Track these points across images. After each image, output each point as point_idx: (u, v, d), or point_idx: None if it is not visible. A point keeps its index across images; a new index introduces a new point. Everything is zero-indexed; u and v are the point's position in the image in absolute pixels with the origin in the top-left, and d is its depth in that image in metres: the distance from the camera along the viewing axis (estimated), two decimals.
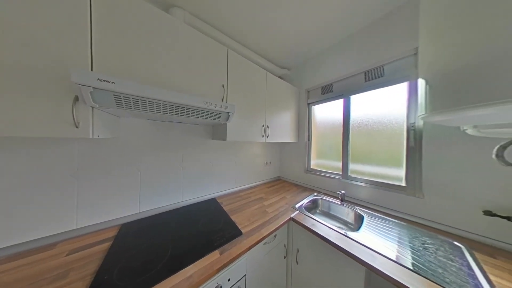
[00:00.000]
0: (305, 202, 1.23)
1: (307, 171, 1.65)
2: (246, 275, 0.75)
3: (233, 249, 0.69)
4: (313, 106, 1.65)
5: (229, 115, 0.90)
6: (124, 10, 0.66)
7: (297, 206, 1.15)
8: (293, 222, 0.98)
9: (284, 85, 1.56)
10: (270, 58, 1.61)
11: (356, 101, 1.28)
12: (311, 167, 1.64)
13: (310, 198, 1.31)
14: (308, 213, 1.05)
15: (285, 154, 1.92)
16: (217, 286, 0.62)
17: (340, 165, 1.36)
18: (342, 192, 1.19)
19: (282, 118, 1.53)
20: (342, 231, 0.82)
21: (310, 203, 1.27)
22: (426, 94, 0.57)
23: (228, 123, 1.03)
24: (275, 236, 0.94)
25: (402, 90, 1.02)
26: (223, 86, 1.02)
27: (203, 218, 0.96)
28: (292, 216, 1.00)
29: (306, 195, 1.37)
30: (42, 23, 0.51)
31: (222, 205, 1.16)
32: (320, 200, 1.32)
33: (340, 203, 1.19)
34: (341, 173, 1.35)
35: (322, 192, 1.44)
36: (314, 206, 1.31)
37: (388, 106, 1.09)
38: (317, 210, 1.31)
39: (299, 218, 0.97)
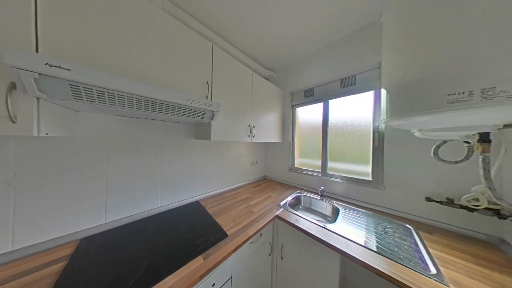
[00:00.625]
0: (289, 199, 1.29)
1: (291, 170, 1.73)
2: (231, 278, 0.74)
3: (218, 252, 0.68)
4: (296, 108, 1.74)
5: (214, 114, 0.87)
6: None
7: (281, 203, 1.20)
8: (278, 219, 1.02)
9: (270, 86, 1.60)
10: (256, 59, 1.63)
11: (333, 105, 1.41)
12: (295, 166, 1.73)
13: (294, 195, 1.38)
14: (292, 209, 1.11)
15: (270, 153, 1.97)
16: None
17: (320, 163, 1.48)
18: (322, 188, 1.30)
19: (268, 119, 1.56)
20: (321, 224, 0.90)
21: (293, 200, 1.34)
22: (387, 102, 0.67)
23: (213, 122, 1.00)
24: (261, 234, 0.95)
25: (370, 98, 1.18)
26: (208, 84, 0.98)
27: (185, 223, 0.90)
28: (277, 213, 1.03)
29: (290, 193, 1.44)
30: None
31: (206, 208, 1.11)
32: (302, 196, 1.41)
33: (320, 199, 1.29)
34: (320, 170, 1.47)
35: (304, 189, 1.54)
36: (297, 203, 1.39)
37: (358, 111, 1.24)
38: (300, 206, 1.39)
39: (284, 215, 1.02)
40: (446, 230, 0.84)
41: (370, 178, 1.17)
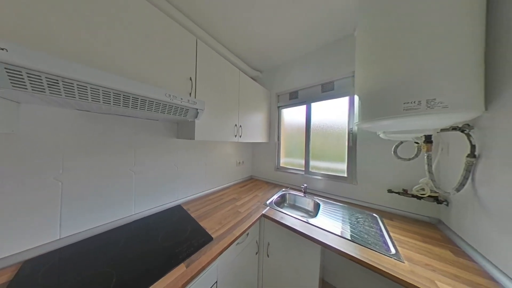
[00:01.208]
0: (274, 198, 1.33)
1: (277, 169, 1.78)
2: (217, 282, 0.72)
3: (202, 257, 0.65)
4: (282, 109, 1.80)
5: (198, 112, 0.83)
6: None
7: (268, 202, 1.22)
8: (264, 218, 1.04)
9: (257, 86, 1.61)
10: (244, 58, 1.62)
11: (315, 108, 1.52)
12: (281, 165, 1.80)
13: (280, 194, 1.43)
14: (277, 207, 1.14)
15: (257, 153, 1.99)
16: None
17: (303, 162, 1.57)
18: (305, 185, 1.38)
19: (255, 119, 1.57)
20: (304, 219, 0.95)
21: (279, 198, 1.38)
22: (359, 107, 0.76)
23: (197, 121, 0.95)
24: (248, 234, 0.95)
25: (345, 102, 1.31)
26: (191, 80, 0.93)
27: (165, 230, 0.83)
28: (263, 212, 1.05)
29: (276, 191, 1.48)
30: None
31: (189, 211, 1.05)
32: (287, 194, 1.47)
33: (303, 195, 1.37)
34: (304, 169, 1.56)
35: (289, 187, 1.60)
36: (282, 201, 1.44)
37: (336, 114, 1.37)
38: (285, 204, 1.45)
39: (270, 213, 1.04)
40: (403, 216, 1.01)
41: (345, 175, 1.31)
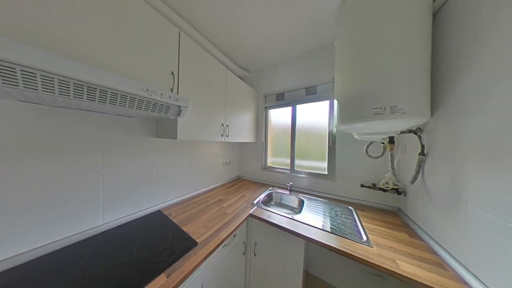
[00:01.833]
0: (262, 197, 1.35)
1: (264, 169, 1.81)
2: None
3: (185, 265, 0.61)
4: (269, 110, 1.84)
5: (181, 110, 0.77)
6: None
7: (255, 202, 1.23)
8: (252, 217, 1.04)
9: (244, 86, 1.60)
10: (231, 57, 1.59)
11: (300, 109, 1.60)
12: (267, 165, 1.83)
13: (267, 193, 1.45)
14: (264, 206, 1.16)
15: (244, 153, 1.98)
16: None
17: (289, 161, 1.64)
18: (290, 183, 1.44)
19: (242, 119, 1.56)
20: (290, 216, 1.00)
21: (266, 197, 1.41)
22: (338, 110, 0.84)
23: (179, 119, 0.88)
24: (235, 235, 0.94)
25: (326, 106, 1.42)
26: (173, 75, 0.86)
27: (141, 239, 0.75)
28: (250, 212, 1.05)
29: (263, 191, 1.50)
30: None
31: (170, 216, 0.97)
32: (274, 193, 1.51)
33: (289, 193, 1.43)
34: (289, 168, 1.63)
35: (276, 186, 1.65)
36: (269, 199, 1.47)
37: (319, 116, 1.47)
38: (272, 202, 1.48)
39: (257, 212, 1.05)
40: (372, 207, 1.16)
41: (326, 172, 1.42)
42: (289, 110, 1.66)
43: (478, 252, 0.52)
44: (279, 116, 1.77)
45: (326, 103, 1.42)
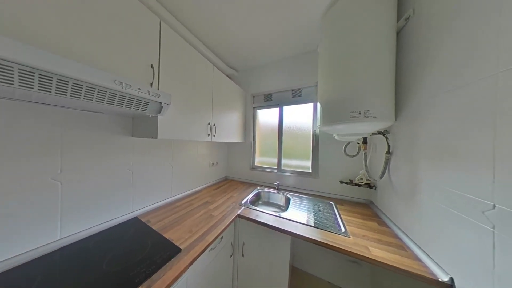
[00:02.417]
0: (250, 197, 1.35)
1: (252, 168, 1.82)
2: None
3: (167, 274, 0.56)
4: (257, 110, 1.85)
5: (162, 107, 0.71)
6: None
7: (243, 202, 1.23)
8: (239, 218, 1.03)
9: (232, 85, 1.57)
10: (218, 54, 1.54)
11: (287, 111, 1.66)
12: (256, 165, 1.84)
13: (255, 192, 1.46)
14: (252, 206, 1.17)
15: (232, 153, 1.95)
16: None
17: (276, 161, 1.68)
18: (278, 182, 1.48)
19: (230, 118, 1.53)
20: (277, 214, 1.03)
21: (254, 197, 1.42)
22: (320, 113, 0.90)
23: (160, 117, 0.81)
24: (222, 238, 0.92)
25: (311, 108, 1.51)
26: (153, 68, 0.79)
27: (112, 252, 0.67)
28: (238, 212, 1.04)
29: (251, 190, 1.51)
30: None
31: (149, 223, 0.89)
32: (262, 192, 1.53)
33: (276, 192, 1.47)
34: (277, 167, 1.68)
35: (264, 185, 1.67)
36: (257, 199, 1.49)
37: (304, 117, 1.55)
38: (260, 202, 1.50)
39: (245, 213, 1.05)
40: (350, 201, 1.28)
41: (310, 171, 1.51)
42: (276, 111, 1.70)
43: (428, 233, 0.63)
44: (267, 116, 1.80)
45: (311, 106, 1.51)
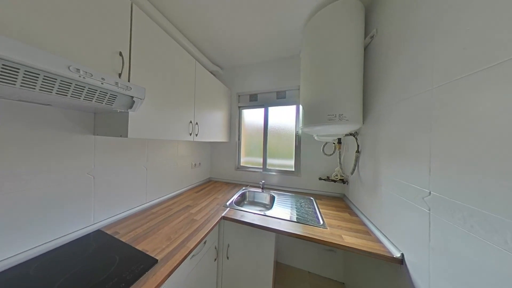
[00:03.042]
0: (235, 197, 1.33)
1: (238, 168, 1.80)
2: None
3: None
4: (243, 110, 1.84)
5: (134, 101, 0.63)
6: None
7: (228, 203, 1.20)
8: (224, 220, 1.01)
9: (217, 82, 1.51)
10: (201, 49, 1.46)
11: (272, 111, 1.71)
12: (241, 165, 1.83)
13: (240, 193, 1.45)
14: (238, 206, 1.15)
15: (216, 154, 1.89)
16: None
17: (261, 160, 1.71)
18: (263, 182, 1.51)
19: (214, 117, 1.47)
20: (262, 213, 1.04)
21: (239, 197, 1.40)
22: (302, 115, 0.96)
23: (131, 113, 0.71)
24: (205, 242, 0.88)
25: (293, 110, 1.60)
26: (121, 56, 0.68)
27: (64, 275, 0.55)
28: (223, 214, 1.01)
29: (236, 191, 1.49)
30: None
31: (117, 235, 0.77)
32: (247, 192, 1.53)
33: (261, 191, 1.49)
34: (262, 167, 1.70)
35: (249, 185, 1.68)
36: (243, 199, 1.48)
37: (287, 118, 1.63)
38: (245, 202, 1.50)
39: (230, 214, 1.03)
40: (327, 195, 1.41)
41: (293, 169, 1.59)
42: (262, 111, 1.73)
43: (386, 218, 0.76)
44: (252, 116, 1.81)
45: (293, 108, 1.60)
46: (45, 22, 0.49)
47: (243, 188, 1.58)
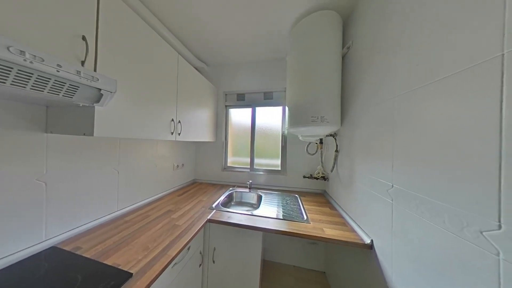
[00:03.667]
0: (221, 199, 1.29)
1: (224, 169, 1.76)
2: None
3: None
4: (230, 109, 1.81)
5: (101, 94, 0.55)
6: None
7: (214, 205, 1.16)
8: (210, 223, 0.97)
9: (202, 79, 1.44)
10: (186, 42, 1.37)
11: (259, 111, 1.72)
12: (228, 165, 1.79)
13: (227, 194, 1.42)
14: (224, 208, 1.13)
15: (202, 154, 1.80)
16: None
17: (249, 160, 1.71)
18: (250, 181, 1.51)
19: (199, 115, 1.40)
20: (249, 213, 1.04)
21: (226, 198, 1.37)
22: (288, 116, 1.00)
23: (98, 108, 0.62)
24: (189, 248, 0.83)
25: (280, 111, 1.65)
26: (85, 40, 0.59)
27: None
28: (209, 217, 0.98)
29: (223, 192, 1.45)
30: None
31: (78, 251, 0.66)
32: (234, 193, 1.50)
33: (248, 191, 1.49)
34: (249, 166, 1.71)
35: (236, 185, 1.65)
36: (230, 200, 1.45)
37: (274, 119, 1.67)
38: (232, 203, 1.47)
39: (217, 216, 0.99)
40: (310, 192, 1.51)
41: (279, 168, 1.64)
42: (249, 111, 1.73)
43: (359, 210, 0.85)
44: (240, 116, 1.79)
45: (280, 109, 1.65)
46: None
47: (230, 188, 1.55)
